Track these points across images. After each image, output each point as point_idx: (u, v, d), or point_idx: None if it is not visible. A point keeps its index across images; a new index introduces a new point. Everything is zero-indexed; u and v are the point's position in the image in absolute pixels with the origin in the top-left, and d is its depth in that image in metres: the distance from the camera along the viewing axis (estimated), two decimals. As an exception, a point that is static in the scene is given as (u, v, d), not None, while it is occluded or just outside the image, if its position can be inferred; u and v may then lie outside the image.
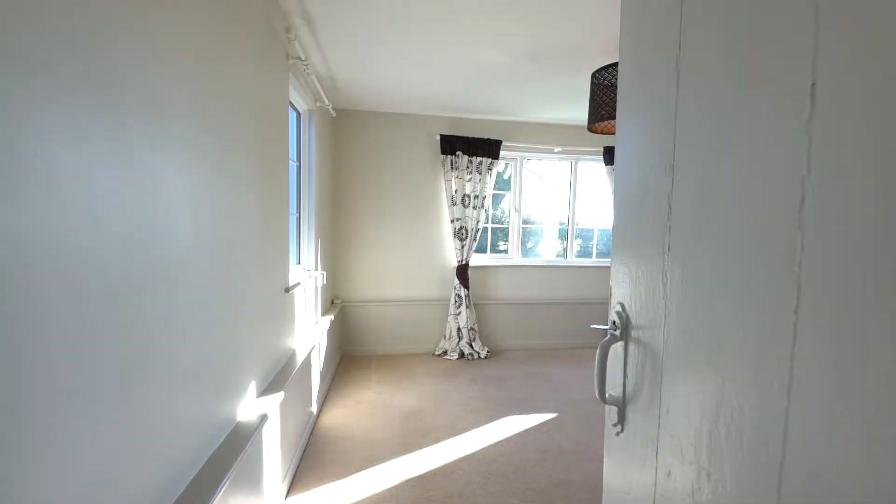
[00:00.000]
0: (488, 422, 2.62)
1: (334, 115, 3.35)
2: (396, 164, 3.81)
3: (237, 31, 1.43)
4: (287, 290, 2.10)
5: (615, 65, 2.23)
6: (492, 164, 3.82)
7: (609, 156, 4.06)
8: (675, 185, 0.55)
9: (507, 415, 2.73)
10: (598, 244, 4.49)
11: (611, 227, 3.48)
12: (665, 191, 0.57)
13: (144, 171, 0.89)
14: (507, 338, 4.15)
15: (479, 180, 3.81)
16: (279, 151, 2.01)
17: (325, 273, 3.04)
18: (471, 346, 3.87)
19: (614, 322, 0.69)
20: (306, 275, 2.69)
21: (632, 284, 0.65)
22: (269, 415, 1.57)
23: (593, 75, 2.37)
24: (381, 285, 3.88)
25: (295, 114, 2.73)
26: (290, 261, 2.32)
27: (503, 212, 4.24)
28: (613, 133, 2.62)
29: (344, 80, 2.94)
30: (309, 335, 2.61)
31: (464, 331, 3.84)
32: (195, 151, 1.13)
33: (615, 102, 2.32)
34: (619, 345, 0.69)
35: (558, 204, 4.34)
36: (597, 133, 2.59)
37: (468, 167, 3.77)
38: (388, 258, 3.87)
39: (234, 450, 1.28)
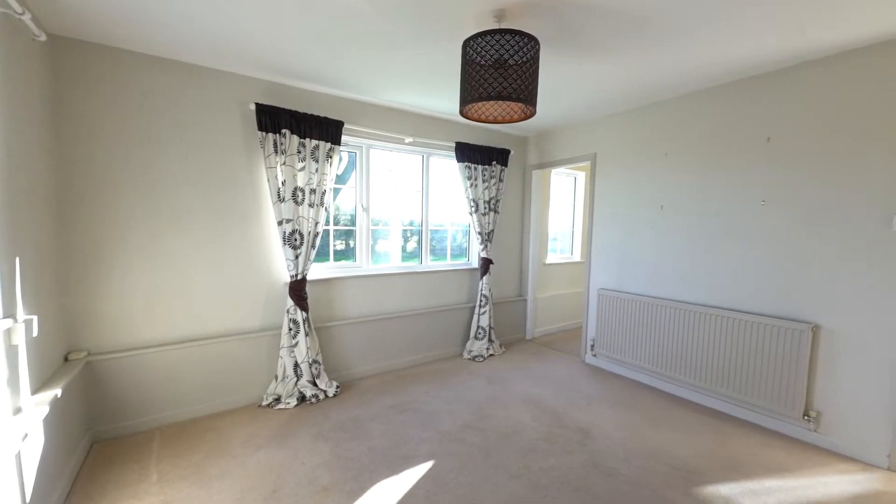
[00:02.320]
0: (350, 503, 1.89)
1: (43, 38, 1.95)
2: (186, 139, 2.58)
3: None
4: None
5: (493, 33, 1.83)
6: (332, 150, 3.02)
7: (461, 152, 3.80)
8: None
9: (374, 481, 2.05)
10: (451, 246, 4.22)
11: (469, 225, 3.10)
12: None
13: None
14: (360, 363, 3.43)
15: (317, 170, 2.95)
16: None
17: (34, 318, 1.70)
18: (314, 384, 2.99)
19: None
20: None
21: None
22: None
23: (466, 45, 1.91)
24: (168, 319, 2.59)
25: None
26: None
27: (338, 209, 3.48)
28: (486, 121, 2.23)
29: (59, -24, 1.67)
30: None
31: (303, 366, 2.93)
32: None
33: (494, 81, 1.91)
34: None
35: (409, 202, 3.85)
36: (469, 119, 2.16)
37: (300, 152, 2.87)
38: (176, 278, 2.60)
39: None
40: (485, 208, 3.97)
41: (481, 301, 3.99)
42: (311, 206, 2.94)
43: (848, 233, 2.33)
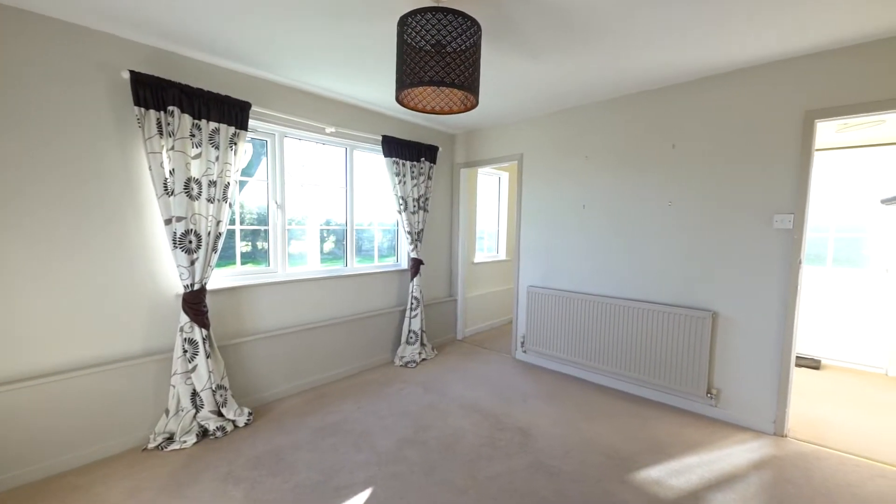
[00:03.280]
0: (272, 559, 1.56)
1: None
2: (25, 113, 1.95)
3: None
4: None
5: (432, 11, 1.65)
6: (236, 135, 2.56)
7: (389, 146, 3.56)
8: None
9: (302, 525, 1.74)
10: (379, 246, 3.95)
11: (394, 224, 2.88)
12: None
13: None
14: (277, 383, 3.00)
15: (217, 158, 2.48)
16: None
17: None
18: (219, 414, 2.51)
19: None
20: None
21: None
22: None
23: (402, 23, 1.71)
24: (4, 351, 1.93)
25: None
26: None
27: (242, 206, 3.00)
28: (425, 111, 2.05)
29: None
30: None
31: (204, 395, 2.44)
32: None
33: (436, 65, 1.72)
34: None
35: (330, 198, 3.49)
36: (406, 107, 1.96)
37: (194, 135, 2.37)
38: (15, 297, 1.95)
39: None
40: (414, 206, 3.79)
41: (412, 304, 3.80)
42: (210, 201, 2.45)
43: (739, 230, 2.65)
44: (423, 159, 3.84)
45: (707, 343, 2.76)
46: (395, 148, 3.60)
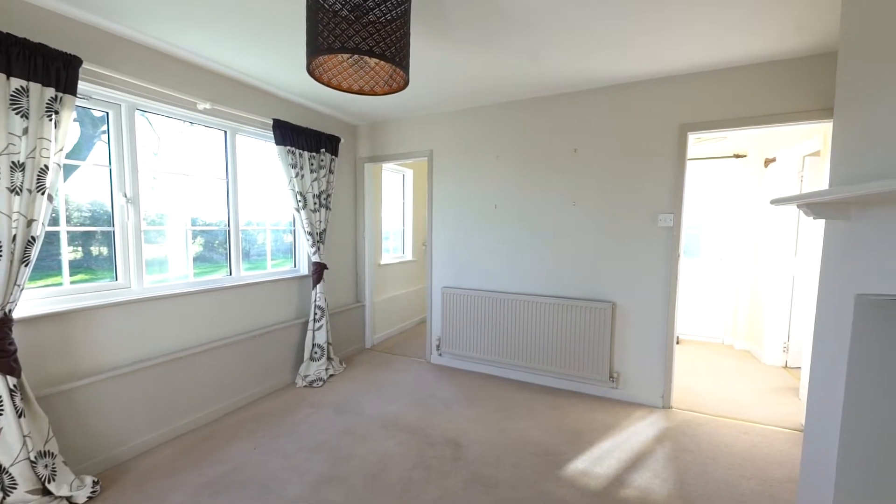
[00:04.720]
0: None
1: None
2: None
3: None
4: None
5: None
6: (58, 100, 1.83)
7: (282, 133, 3.04)
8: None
9: None
10: (272, 249, 3.37)
11: (290, 224, 2.43)
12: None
13: None
14: (139, 432, 2.28)
15: (26, 130, 1.73)
16: None
17: None
18: (45, 491, 1.77)
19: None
20: None
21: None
22: None
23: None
24: None
25: None
26: None
27: (68, 201, 2.21)
28: (341, 89, 1.72)
29: None
30: None
31: (17, 470, 1.68)
32: None
33: (363, 30, 1.39)
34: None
35: (205, 192, 2.83)
36: (319, 82, 1.61)
37: (-18, 94, 1.61)
38: None
39: None
40: (315, 204, 3.33)
41: (316, 314, 3.34)
42: (15, 191, 1.70)
43: (631, 229, 2.95)
44: (323, 150, 3.40)
45: (608, 331, 3.01)
46: (290, 135, 3.10)
